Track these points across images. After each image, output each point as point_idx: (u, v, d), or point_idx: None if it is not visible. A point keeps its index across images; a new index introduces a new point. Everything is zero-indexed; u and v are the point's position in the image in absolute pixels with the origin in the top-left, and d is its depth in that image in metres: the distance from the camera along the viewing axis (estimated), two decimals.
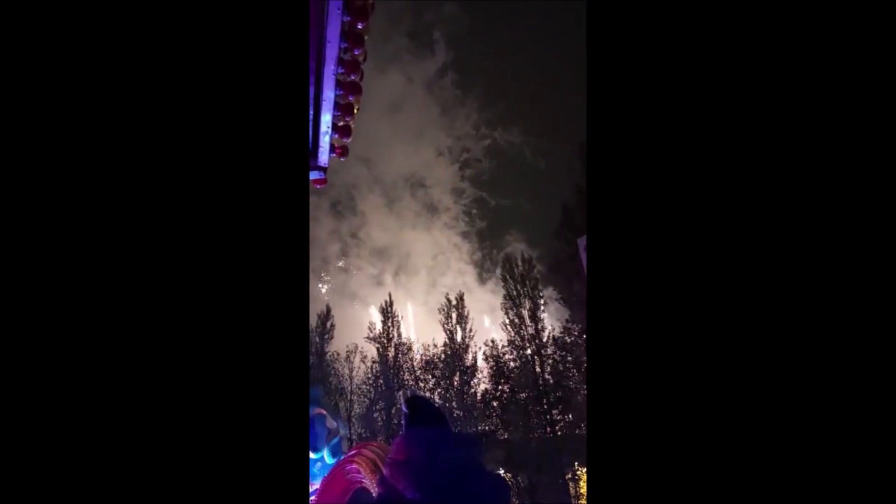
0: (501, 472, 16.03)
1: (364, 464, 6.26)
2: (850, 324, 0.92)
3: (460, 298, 21.04)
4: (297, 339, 1.06)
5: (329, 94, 2.62)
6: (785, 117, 1.00)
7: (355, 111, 2.92)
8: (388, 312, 21.44)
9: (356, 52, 2.53)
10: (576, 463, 15.80)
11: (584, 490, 15.68)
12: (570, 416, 16.10)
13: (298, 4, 1.17)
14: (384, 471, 1.14)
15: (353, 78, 2.67)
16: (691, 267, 1.00)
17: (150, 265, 1.00)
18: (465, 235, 41.77)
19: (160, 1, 1.06)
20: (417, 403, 1.38)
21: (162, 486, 0.93)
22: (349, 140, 3.04)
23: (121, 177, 1.02)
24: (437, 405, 1.43)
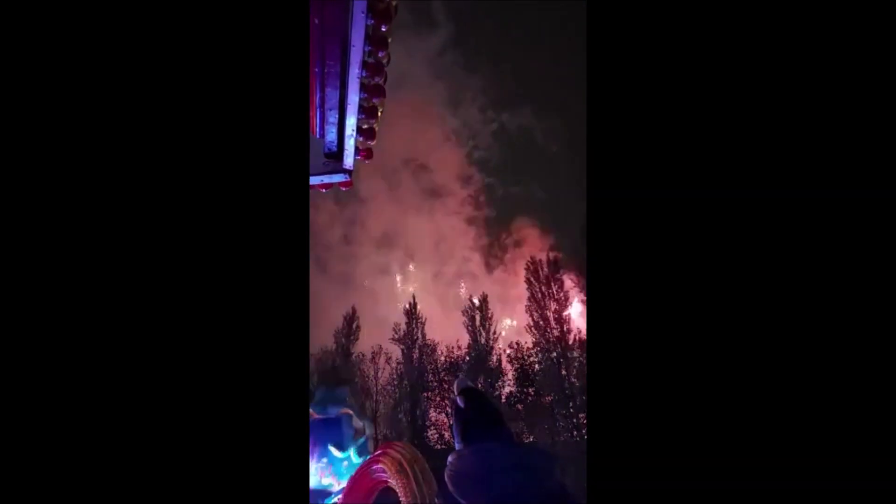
0: None
1: (390, 464, 6.31)
2: (850, 326, 0.91)
3: (484, 300, 20.97)
4: (297, 337, 1.05)
5: (354, 98, 2.66)
6: (785, 116, 0.99)
7: (379, 114, 2.96)
8: (412, 314, 21.56)
9: (380, 55, 2.56)
10: None
11: None
12: None
13: (299, 6, 1.18)
14: (448, 486, 1.09)
15: (376, 81, 2.70)
16: (692, 267, 1.00)
17: (150, 265, 1.01)
18: (470, 221, 39.45)
19: (160, 1, 1.07)
20: (473, 397, 1.27)
21: (162, 486, 0.93)
22: (374, 143, 3.08)
23: (123, 176, 1.03)
24: (491, 400, 1.34)
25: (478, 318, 20.53)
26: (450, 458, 1.14)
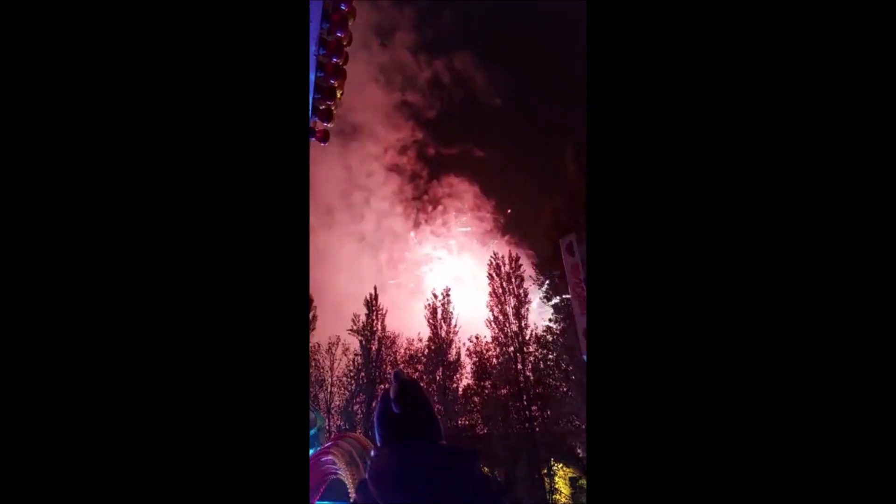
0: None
1: (340, 455, 6.23)
2: (851, 327, 0.90)
3: (447, 294, 21.05)
4: (296, 332, 1.04)
5: (310, 76, 2.55)
6: (785, 115, 0.99)
7: (338, 96, 2.86)
8: (372, 305, 21.32)
9: (339, 34, 2.47)
10: (552, 458, 16.00)
11: (558, 485, 15.90)
12: (549, 412, 16.28)
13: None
14: (368, 484, 1.06)
15: (335, 61, 2.61)
16: (692, 267, 0.99)
17: (147, 258, 1.00)
18: (394, 169, 33.48)
19: None
20: (409, 393, 1.20)
21: (163, 486, 0.92)
22: (330, 125, 2.98)
23: (119, 156, 1.02)
24: (426, 395, 1.26)
25: (439, 311, 20.60)
26: (371, 456, 1.11)
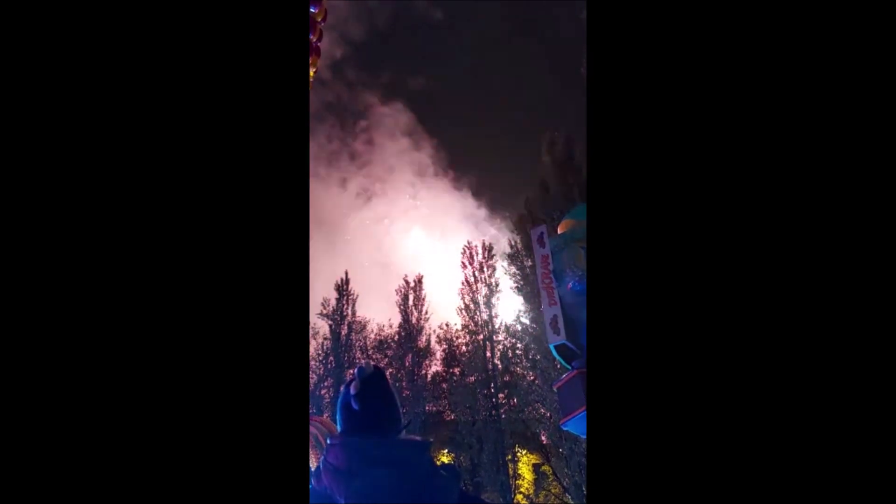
0: (445, 451, 16.44)
1: None
2: (851, 327, 0.91)
3: (418, 281, 21.09)
4: (296, 328, 1.05)
5: None
6: (787, 116, 0.99)
7: (311, 74, 2.78)
8: (342, 290, 21.15)
9: (313, 10, 2.39)
10: (516, 445, 16.45)
11: (521, 471, 16.40)
12: (515, 400, 16.68)
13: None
14: (322, 474, 1.07)
15: (308, 37, 2.53)
16: (693, 267, 0.98)
17: (145, 248, 1.01)
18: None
19: None
20: (374, 385, 1.19)
21: (163, 485, 0.92)
22: None
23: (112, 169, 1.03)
24: (391, 388, 1.26)
25: (411, 297, 20.62)
26: (327, 445, 1.12)
